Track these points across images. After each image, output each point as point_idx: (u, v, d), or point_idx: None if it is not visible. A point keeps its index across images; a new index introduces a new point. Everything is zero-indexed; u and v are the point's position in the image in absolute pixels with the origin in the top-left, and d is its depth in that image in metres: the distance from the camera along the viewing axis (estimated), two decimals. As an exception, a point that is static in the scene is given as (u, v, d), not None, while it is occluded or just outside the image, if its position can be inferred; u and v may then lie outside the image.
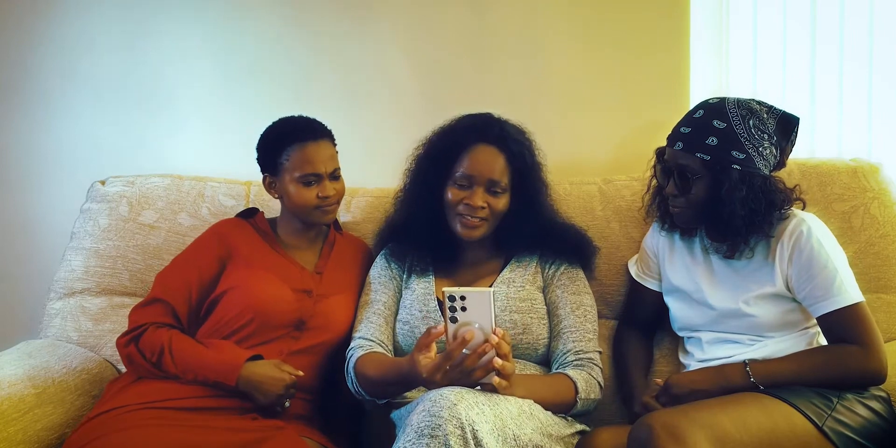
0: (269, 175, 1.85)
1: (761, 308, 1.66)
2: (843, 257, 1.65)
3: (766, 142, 1.63)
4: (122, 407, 1.62)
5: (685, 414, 1.41)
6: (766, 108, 1.66)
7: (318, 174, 1.80)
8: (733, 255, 1.68)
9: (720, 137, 1.61)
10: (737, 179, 1.60)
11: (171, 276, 1.82)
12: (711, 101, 1.68)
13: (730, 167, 1.60)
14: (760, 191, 1.62)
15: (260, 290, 1.77)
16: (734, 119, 1.62)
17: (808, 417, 1.46)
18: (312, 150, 1.80)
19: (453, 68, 2.28)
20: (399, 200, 1.90)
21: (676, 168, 1.65)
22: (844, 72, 2.16)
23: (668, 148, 1.69)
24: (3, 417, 1.60)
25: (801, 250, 1.62)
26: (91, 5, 2.31)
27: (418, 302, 1.79)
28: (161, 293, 1.79)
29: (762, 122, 1.63)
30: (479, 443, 1.34)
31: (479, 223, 1.76)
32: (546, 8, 2.24)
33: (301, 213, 1.84)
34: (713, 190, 1.62)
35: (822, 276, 1.59)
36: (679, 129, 1.68)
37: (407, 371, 1.54)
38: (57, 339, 2.02)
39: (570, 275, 1.81)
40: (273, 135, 1.84)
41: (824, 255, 1.60)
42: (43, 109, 2.34)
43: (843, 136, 2.18)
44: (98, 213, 2.11)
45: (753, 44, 2.21)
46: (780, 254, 1.64)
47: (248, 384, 1.65)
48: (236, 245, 1.84)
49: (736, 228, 1.62)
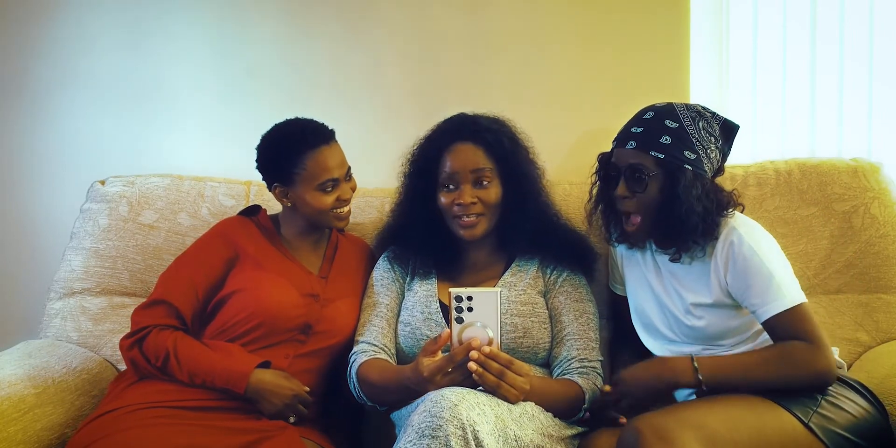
0: (279, 184, 1.80)
1: (703, 317, 1.65)
2: (780, 260, 1.62)
3: (713, 145, 1.65)
4: (126, 406, 1.62)
5: (673, 415, 1.41)
6: (710, 113, 1.67)
7: (337, 179, 1.78)
8: (680, 258, 1.67)
9: (673, 136, 1.61)
10: (691, 178, 1.61)
11: (176, 278, 1.79)
12: (658, 104, 1.69)
13: (682, 166, 1.61)
14: (710, 191, 1.64)
15: (269, 295, 1.74)
16: (685, 120, 1.63)
17: (794, 414, 1.46)
18: (327, 155, 1.77)
19: (451, 68, 2.28)
20: (396, 207, 1.90)
21: (628, 168, 1.65)
22: (844, 72, 2.16)
23: (617, 149, 1.69)
24: (3, 417, 1.60)
25: (734, 259, 1.60)
26: (91, 5, 2.31)
27: (420, 304, 1.79)
28: (164, 294, 1.76)
29: (710, 125, 1.65)
30: (479, 443, 1.34)
31: (477, 220, 1.76)
32: (545, 8, 2.24)
33: (318, 217, 1.81)
34: (668, 189, 1.62)
35: (758, 282, 1.57)
36: (630, 129, 1.67)
37: (409, 376, 1.54)
38: (57, 339, 2.02)
39: (573, 282, 1.81)
40: (282, 142, 1.78)
41: (757, 260, 1.58)
42: (43, 109, 2.34)
43: (843, 136, 2.18)
44: (98, 213, 2.11)
45: (753, 44, 2.21)
46: (715, 264, 1.63)
47: (256, 392, 1.64)
48: (243, 245, 1.82)
49: (693, 226, 1.61)
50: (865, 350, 1.90)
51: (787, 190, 2.01)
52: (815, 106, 2.18)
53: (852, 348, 1.90)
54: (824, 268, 1.97)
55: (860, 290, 1.96)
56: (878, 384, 1.63)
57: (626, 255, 1.83)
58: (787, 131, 2.21)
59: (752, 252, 1.59)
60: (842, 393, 1.54)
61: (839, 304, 1.95)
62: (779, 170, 2.03)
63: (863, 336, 1.92)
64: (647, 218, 1.66)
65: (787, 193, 2.00)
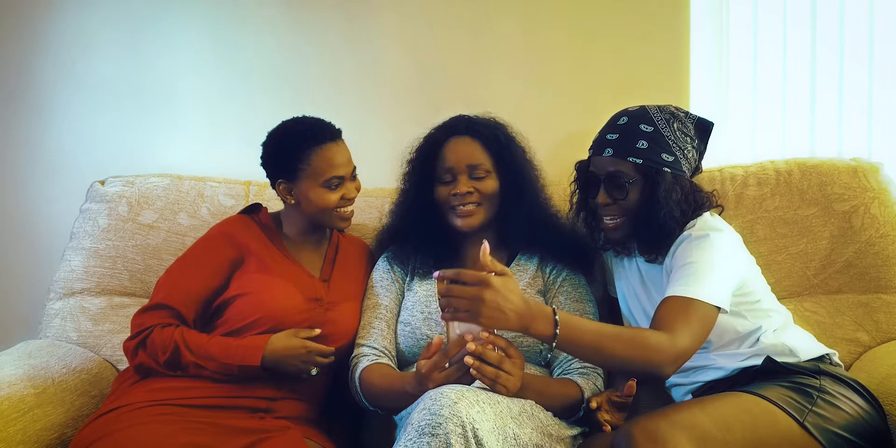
0: (284, 181, 1.79)
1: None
2: (720, 261, 1.56)
3: (689, 145, 1.65)
4: (130, 404, 1.62)
5: (665, 417, 1.40)
6: (683, 112, 1.68)
7: (342, 177, 1.77)
8: (655, 259, 1.67)
9: (649, 140, 1.62)
10: (671, 181, 1.61)
11: (177, 280, 1.76)
12: (631, 108, 1.69)
13: (661, 169, 1.61)
14: (689, 192, 1.65)
15: (274, 300, 1.73)
16: (660, 123, 1.63)
17: (789, 413, 1.46)
18: (334, 152, 1.76)
19: (452, 68, 2.28)
20: (396, 207, 1.91)
21: (607, 176, 1.65)
22: (844, 72, 2.16)
23: (594, 157, 1.69)
24: (2, 417, 1.60)
25: (675, 256, 1.60)
26: (91, 5, 2.31)
27: (420, 304, 1.79)
28: (166, 298, 1.73)
29: (684, 125, 1.65)
30: (479, 442, 1.34)
31: (474, 209, 1.77)
32: (545, 9, 2.25)
33: (321, 216, 1.80)
34: (648, 193, 1.62)
35: (682, 270, 1.54)
36: (605, 136, 1.67)
37: (410, 381, 1.55)
38: (57, 339, 2.02)
39: (573, 282, 1.81)
40: (288, 138, 1.77)
41: (695, 254, 1.56)
42: (43, 110, 2.34)
43: (843, 136, 2.18)
44: (97, 213, 2.11)
45: (753, 43, 2.21)
46: (666, 265, 1.64)
47: (273, 360, 1.64)
48: (247, 245, 1.79)
49: (670, 230, 1.61)
50: (865, 350, 1.90)
51: (787, 190, 2.01)
52: (815, 106, 2.18)
53: (852, 348, 1.90)
54: (824, 268, 1.97)
55: (860, 290, 1.95)
56: (878, 384, 1.63)
57: (615, 262, 1.84)
58: (787, 131, 2.22)
59: (687, 247, 1.59)
60: (839, 391, 1.54)
61: (839, 304, 1.95)
62: (779, 170, 2.03)
63: (863, 336, 1.91)
64: (628, 222, 1.66)
65: (787, 193, 2.00)
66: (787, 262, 1.97)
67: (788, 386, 1.53)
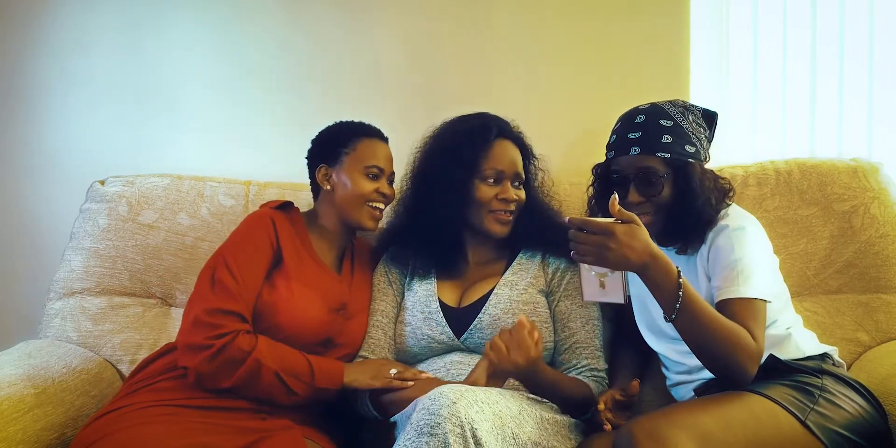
0: (325, 165, 1.81)
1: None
2: (761, 255, 1.61)
3: (703, 134, 1.68)
4: (132, 404, 1.62)
5: (666, 416, 1.40)
6: (690, 105, 1.70)
7: (382, 169, 1.81)
8: (687, 250, 1.67)
9: (672, 134, 1.63)
10: (699, 171, 1.64)
11: (239, 281, 1.68)
12: (641, 106, 1.70)
13: (688, 161, 1.63)
14: (713, 179, 1.68)
15: (301, 311, 1.71)
16: (677, 116, 1.65)
17: (791, 412, 1.45)
18: (380, 146, 1.84)
19: (452, 68, 2.28)
20: (403, 205, 1.88)
21: (637, 173, 1.65)
22: (844, 72, 2.16)
23: (620, 156, 1.67)
24: (2, 417, 1.60)
25: (716, 247, 1.60)
26: (90, 5, 2.31)
27: (420, 304, 1.79)
28: (232, 304, 1.65)
29: (697, 117, 1.68)
30: (478, 441, 1.34)
31: (511, 218, 1.79)
32: (546, 10, 2.25)
33: (352, 208, 1.79)
34: (683, 186, 1.63)
35: (726, 267, 1.56)
36: (626, 135, 1.67)
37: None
38: (57, 339, 2.02)
39: (577, 284, 1.81)
40: (340, 128, 1.86)
41: (730, 246, 1.57)
42: (42, 109, 2.34)
43: (843, 136, 2.18)
44: (97, 213, 2.11)
45: (753, 44, 2.21)
46: (701, 255, 1.64)
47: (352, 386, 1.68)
48: (283, 244, 1.76)
49: (709, 217, 1.63)
50: (865, 350, 1.90)
51: (787, 190, 2.01)
52: (815, 106, 2.18)
53: (852, 348, 1.90)
54: (824, 268, 1.97)
55: (860, 290, 1.95)
56: (879, 384, 1.63)
57: None
58: (787, 131, 2.22)
59: (729, 239, 1.59)
60: (840, 391, 1.54)
61: (839, 304, 1.95)
62: (779, 170, 2.03)
63: (863, 336, 1.91)
64: (660, 218, 1.65)
65: (787, 193, 2.00)
66: (786, 262, 1.96)
67: (790, 385, 1.53)
